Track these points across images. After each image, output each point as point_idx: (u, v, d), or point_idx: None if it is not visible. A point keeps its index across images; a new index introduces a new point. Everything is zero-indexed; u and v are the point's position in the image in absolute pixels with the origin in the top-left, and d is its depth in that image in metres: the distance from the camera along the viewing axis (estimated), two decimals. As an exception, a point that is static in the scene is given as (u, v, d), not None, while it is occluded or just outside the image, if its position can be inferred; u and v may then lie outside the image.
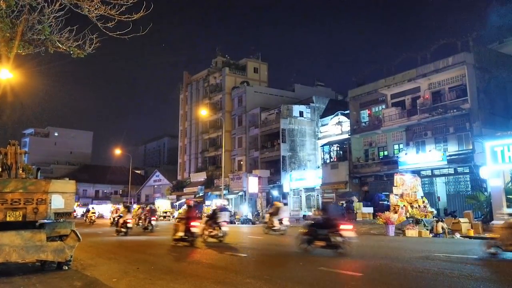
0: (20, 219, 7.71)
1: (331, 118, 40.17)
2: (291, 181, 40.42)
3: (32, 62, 9.51)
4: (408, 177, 21.80)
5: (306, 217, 14.80)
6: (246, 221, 30.79)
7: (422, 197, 21.68)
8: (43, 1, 6.98)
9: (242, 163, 48.15)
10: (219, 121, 48.81)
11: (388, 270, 8.27)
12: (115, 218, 24.13)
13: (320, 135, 41.92)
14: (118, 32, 7.15)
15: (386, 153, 32.36)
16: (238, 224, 30.69)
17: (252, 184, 38.39)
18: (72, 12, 7.24)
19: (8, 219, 7.60)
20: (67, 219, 8.36)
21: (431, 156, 27.21)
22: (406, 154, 29.00)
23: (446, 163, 26.23)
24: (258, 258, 10.97)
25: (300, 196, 40.00)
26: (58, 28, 7.47)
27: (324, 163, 36.87)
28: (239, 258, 10.58)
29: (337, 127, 38.84)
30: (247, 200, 39.85)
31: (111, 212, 31.78)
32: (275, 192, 41.43)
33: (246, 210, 34.03)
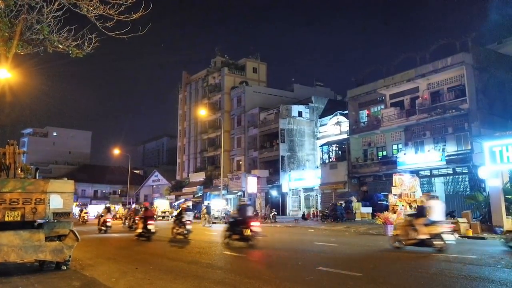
0: (18, 219, 7.71)
1: (330, 118, 40.19)
2: (290, 181, 40.43)
3: (31, 61, 9.50)
4: (407, 177, 21.76)
5: (227, 216, 16.31)
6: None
7: (420, 197, 21.68)
8: (42, 0, 6.97)
9: (241, 163, 48.14)
10: (218, 121, 48.79)
11: (388, 270, 8.28)
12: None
13: (319, 135, 41.94)
14: (117, 32, 7.14)
15: (385, 153, 32.39)
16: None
17: (251, 184, 38.36)
18: (71, 12, 7.23)
19: (6, 219, 7.60)
20: (66, 219, 8.35)
21: (430, 156, 27.23)
22: (405, 154, 29.03)
23: (445, 163, 26.27)
24: (257, 258, 10.98)
25: (299, 196, 40.01)
26: (57, 27, 7.45)
27: (323, 163, 36.89)
28: (237, 258, 10.58)
29: (336, 127, 38.87)
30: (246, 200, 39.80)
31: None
32: (274, 192, 41.41)
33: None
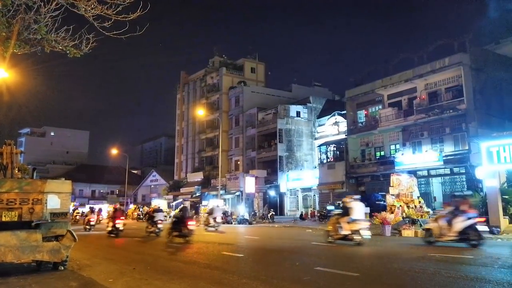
0: (15, 219, 7.68)
1: (328, 118, 40.23)
2: (288, 181, 40.45)
3: (29, 61, 9.47)
4: (405, 177, 21.81)
5: (173, 216, 19.50)
6: (242, 221, 30.73)
7: (418, 197, 21.70)
8: (39, 0, 6.95)
9: (239, 163, 48.14)
10: (216, 121, 48.78)
11: (385, 271, 8.30)
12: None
13: (317, 135, 41.97)
14: (115, 32, 7.14)
15: (382, 153, 32.43)
16: (235, 224, 30.68)
17: (249, 184, 38.37)
18: (69, 12, 7.22)
19: (3, 219, 7.57)
20: (63, 219, 8.33)
21: (427, 156, 27.29)
22: (402, 154, 29.09)
23: (442, 163, 26.33)
24: (255, 258, 10.99)
25: (297, 196, 40.05)
26: (55, 27, 7.44)
27: (321, 163, 36.92)
28: (235, 258, 10.59)
29: (334, 127, 38.92)
30: (244, 200, 39.82)
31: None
32: (272, 192, 41.43)
33: (243, 210, 33.95)
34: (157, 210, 19.83)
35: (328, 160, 36.50)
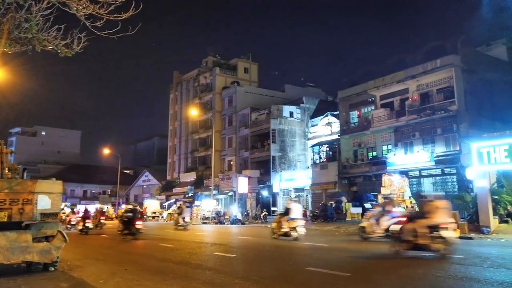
0: (5, 219, 7.61)
1: (321, 119, 40.36)
2: (281, 181, 40.50)
3: (19, 60, 9.39)
4: (396, 177, 21.98)
5: (124, 216, 20.53)
6: (235, 221, 30.70)
7: (410, 197, 21.88)
8: (30, -1, 6.90)
9: (232, 163, 48.10)
10: (209, 121, 48.69)
11: (376, 270, 8.35)
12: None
13: (310, 135, 42.09)
14: (107, 32, 7.10)
15: (375, 153, 32.61)
16: (227, 224, 30.65)
17: (242, 184, 38.35)
18: (60, 11, 7.17)
19: (-7, 220, 7.50)
20: (54, 220, 8.27)
21: (419, 157, 27.51)
22: (394, 154, 29.29)
23: (434, 164, 26.55)
24: (247, 258, 10.99)
25: (290, 196, 40.08)
26: (46, 26, 7.39)
27: (314, 163, 37.03)
28: (228, 259, 10.58)
29: (327, 128, 39.05)
30: (237, 201, 39.78)
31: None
32: (265, 192, 41.44)
33: (235, 211, 33.92)
34: (128, 211, 20.17)
35: (321, 160, 36.62)
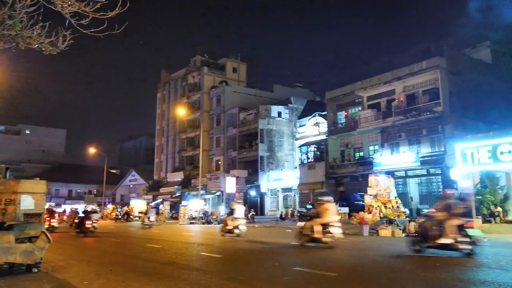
0: (-13, 220, 7.47)
1: (309, 119, 40.55)
2: (268, 181, 40.58)
3: (2, 57, 9.19)
4: (382, 178, 22.20)
5: (78, 216, 23.83)
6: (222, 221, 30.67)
7: (395, 197, 22.13)
8: (14, -5, 6.77)
9: (220, 163, 48.01)
10: (197, 120, 48.49)
11: (362, 271, 8.43)
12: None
13: (298, 135, 42.26)
14: (93, 30, 7.00)
15: (361, 154, 32.88)
16: (215, 224, 30.58)
17: (230, 184, 38.33)
18: (45, 8, 7.05)
19: (-26, 221, 7.35)
20: (37, 220, 8.13)
21: (405, 157, 27.85)
22: (381, 155, 29.60)
23: (419, 164, 26.90)
24: (234, 258, 10.98)
25: (278, 196, 40.21)
26: (30, 23, 7.26)
27: (302, 163, 37.18)
28: (214, 259, 10.56)
29: (314, 128, 39.25)
30: (225, 200, 39.73)
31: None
32: (253, 192, 41.48)
33: (223, 210, 33.88)
34: (92, 212, 22.88)
35: (309, 160, 36.79)
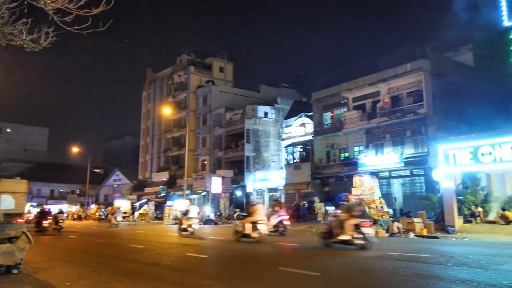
0: (-35, 220, 7.29)
1: (295, 120, 40.71)
2: (254, 181, 40.58)
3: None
4: (367, 178, 22.40)
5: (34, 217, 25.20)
6: (208, 221, 30.51)
7: (379, 197, 22.35)
8: (-5, -9, 6.62)
9: (205, 163, 47.80)
10: (183, 120, 48.17)
11: (345, 270, 8.50)
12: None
13: (284, 136, 42.37)
14: (76, 27, 6.90)
15: (347, 154, 33.17)
16: (200, 224, 30.40)
17: (216, 184, 38.21)
18: (27, 4, 6.92)
19: (-49, 221, 7.16)
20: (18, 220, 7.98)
21: (389, 158, 28.20)
22: (365, 156, 29.91)
23: (403, 165, 27.28)
24: (219, 259, 10.96)
25: (263, 196, 40.25)
26: (12, 19, 7.11)
27: (288, 163, 37.31)
28: (199, 259, 10.52)
29: (300, 129, 39.42)
30: (210, 201, 39.58)
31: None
32: (239, 193, 41.41)
33: (208, 211, 33.72)
34: (60, 212, 24.52)
35: (295, 160, 36.93)
